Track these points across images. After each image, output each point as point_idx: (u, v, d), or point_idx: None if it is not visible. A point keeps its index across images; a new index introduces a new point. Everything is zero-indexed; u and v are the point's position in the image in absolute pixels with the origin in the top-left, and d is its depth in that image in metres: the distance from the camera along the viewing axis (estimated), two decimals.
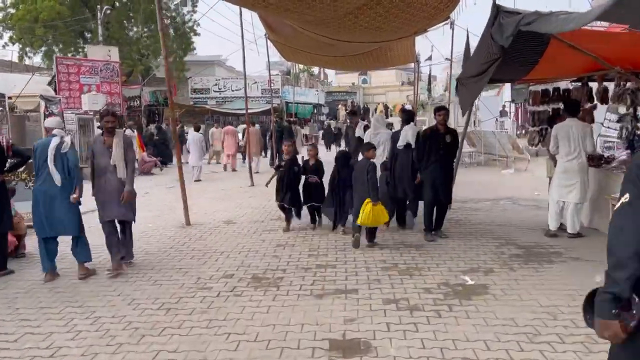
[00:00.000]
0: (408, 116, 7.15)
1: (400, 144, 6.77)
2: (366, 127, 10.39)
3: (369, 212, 5.89)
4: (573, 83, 8.18)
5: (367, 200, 5.92)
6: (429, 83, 25.19)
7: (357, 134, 10.13)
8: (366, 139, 7.61)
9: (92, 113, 15.29)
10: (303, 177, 7.30)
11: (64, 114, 14.40)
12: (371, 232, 6.23)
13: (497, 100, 17.88)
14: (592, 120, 7.48)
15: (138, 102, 29.00)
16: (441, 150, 6.28)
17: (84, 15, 27.41)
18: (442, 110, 6.36)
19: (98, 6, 22.79)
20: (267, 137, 18.25)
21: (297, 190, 7.14)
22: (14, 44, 27.18)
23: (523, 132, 18.68)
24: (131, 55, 28.71)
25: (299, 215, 7.24)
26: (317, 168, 7.28)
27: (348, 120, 19.01)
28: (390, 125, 22.15)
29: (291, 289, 4.72)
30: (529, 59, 6.23)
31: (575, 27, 4.21)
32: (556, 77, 8.06)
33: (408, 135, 6.74)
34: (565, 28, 4.43)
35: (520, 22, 4.96)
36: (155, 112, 31.01)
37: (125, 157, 5.32)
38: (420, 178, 6.51)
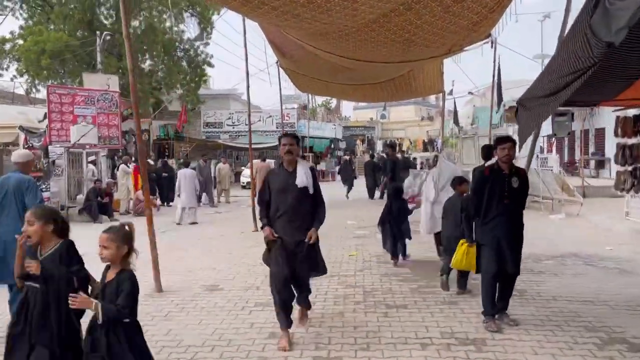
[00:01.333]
0: (487, 152, 5.47)
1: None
2: (372, 156, 9.86)
3: (463, 253, 4.90)
4: None
5: (462, 240, 4.95)
6: (455, 115, 23.42)
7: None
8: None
9: (86, 146, 13.81)
10: None
11: (48, 147, 12.91)
12: (464, 277, 5.46)
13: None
14: None
15: (147, 136, 27.78)
16: (506, 198, 4.38)
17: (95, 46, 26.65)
18: (506, 143, 4.46)
19: (98, 32, 21.63)
20: None
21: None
22: (21, 75, 26.41)
23: (566, 170, 16.61)
24: (143, 88, 27.67)
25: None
26: None
27: (385, 154, 18.69)
28: (412, 161, 20.24)
29: None
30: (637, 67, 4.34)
31: None
32: None
33: None
34: None
35: None
36: (165, 147, 29.76)
37: None
38: (476, 239, 4.62)
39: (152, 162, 21.42)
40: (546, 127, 17.50)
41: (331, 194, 19.40)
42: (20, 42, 25.68)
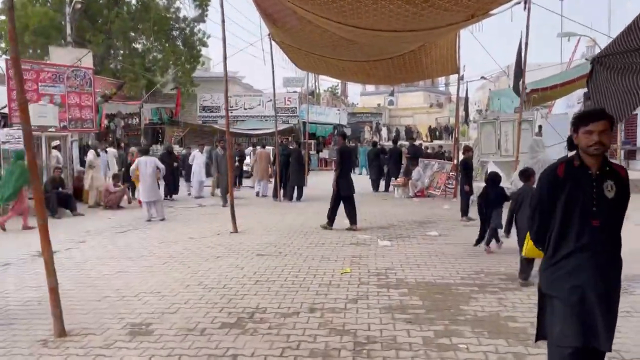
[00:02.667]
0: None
1: None
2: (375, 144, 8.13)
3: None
4: None
5: None
6: (466, 102, 21.27)
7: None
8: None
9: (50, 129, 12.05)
10: None
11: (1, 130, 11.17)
12: (530, 264, 5.25)
13: (566, 120, 13.93)
14: None
15: (137, 120, 26.02)
16: (595, 217, 2.54)
17: (82, 22, 24.82)
18: (598, 121, 2.59)
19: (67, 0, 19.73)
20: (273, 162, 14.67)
21: None
22: (4, 53, 24.65)
23: None
24: (135, 69, 25.88)
25: None
26: None
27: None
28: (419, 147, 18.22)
29: None
30: None
31: None
32: None
33: None
34: None
35: None
36: (158, 132, 27.97)
37: None
38: (540, 287, 2.77)
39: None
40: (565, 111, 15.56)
41: (327, 186, 17.39)
42: (2, 17, 23.88)
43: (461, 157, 11.82)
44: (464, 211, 9.74)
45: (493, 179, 7.22)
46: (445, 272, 5.87)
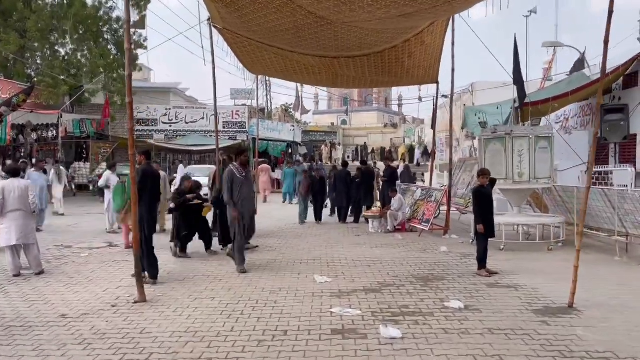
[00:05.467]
0: None
1: None
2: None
3: None
4: None
5: None
6: (434, 119, 18.64)
7: None
8: None
9: None
10: None
11: None
12: None
13: (584, 136, 11.38)
14: None
15: (54, 131, 21.95)
16: None
17: None
18: None
19: None
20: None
21: None
22: None
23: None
24: (52, 73, 21.93)
25: None
26: None
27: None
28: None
29: None
30: None
31: None
32: None
33: None
34: None
35: None
36: (82, 146, 23.90)
37: None
38: None
39: (61, 167, 15.82)
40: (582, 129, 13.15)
41: (284, 215, 14.68)
42: None
43: (473, 181, 9.13)
44: (482, 260, 6.88)
45: None
46: None
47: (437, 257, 8.17)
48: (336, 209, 13.26)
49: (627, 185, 9.11)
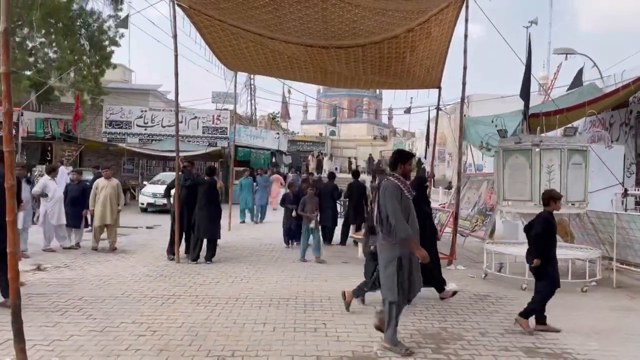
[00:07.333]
0: None
1: None
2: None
3: None
4: None
5: None
6: (428, 133, 16.91)
7: None
8: None
9: None
10: None
11: None
12: None
13: (617, 154, 9.71)
14: None
15: (14, 131, 19.91)
16: None
17: None
18: None
19: None
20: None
21: None
22: None
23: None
24: (13, 66, 19.93)
25: None
26: None
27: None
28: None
29: None
30: None
31: None
32: None
33: None
34: None
35: None
36: (48, 149, 21.83)
37: None
38: None
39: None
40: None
41: (270, 237, 10.74)
42: None
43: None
44: (534, 311, 5.10)
45: None
46: None
47: (447, 300, 6.38)
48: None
49: None
